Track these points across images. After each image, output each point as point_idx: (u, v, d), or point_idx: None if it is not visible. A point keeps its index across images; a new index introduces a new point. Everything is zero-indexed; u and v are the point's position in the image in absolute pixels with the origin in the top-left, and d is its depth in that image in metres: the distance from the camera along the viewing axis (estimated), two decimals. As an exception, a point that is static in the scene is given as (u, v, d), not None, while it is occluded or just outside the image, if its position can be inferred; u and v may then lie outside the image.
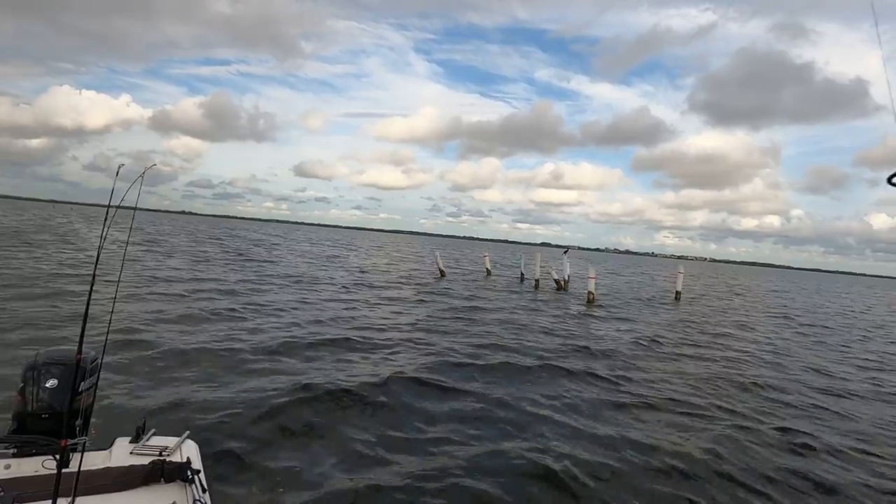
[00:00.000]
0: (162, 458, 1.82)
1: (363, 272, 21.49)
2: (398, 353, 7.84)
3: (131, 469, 1.73)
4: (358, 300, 13.12)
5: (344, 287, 15.61)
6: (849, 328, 17.69)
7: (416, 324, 10.45)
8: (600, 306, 16.82)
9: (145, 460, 1.79)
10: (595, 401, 6.25)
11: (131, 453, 1.88)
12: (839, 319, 20.81)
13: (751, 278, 71.24)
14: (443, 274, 23.20)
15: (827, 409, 6.89)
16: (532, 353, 8.60)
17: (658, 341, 10.86)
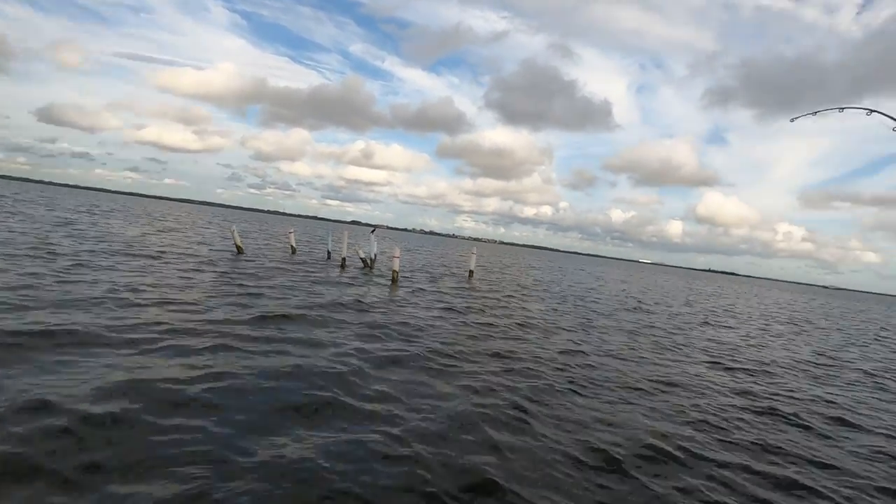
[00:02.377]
0: None
1: (128, 246, 17.79)
2: (164, 345, 6.69)
3: None
4: (117, 280, 10.77)
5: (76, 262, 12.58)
6: (564, 292, 22.32)
7: (198, 303, 9.10)
8: (404, 282, 17.60)
9: None
10: (397, 364, 6.39)
11: None
12: (576, 288, 26.06)
13: (527, 258, 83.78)
14: (240, 250, 21.00)
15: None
16: (331, 325, 8.45)
17: (454, 309, 11.93)
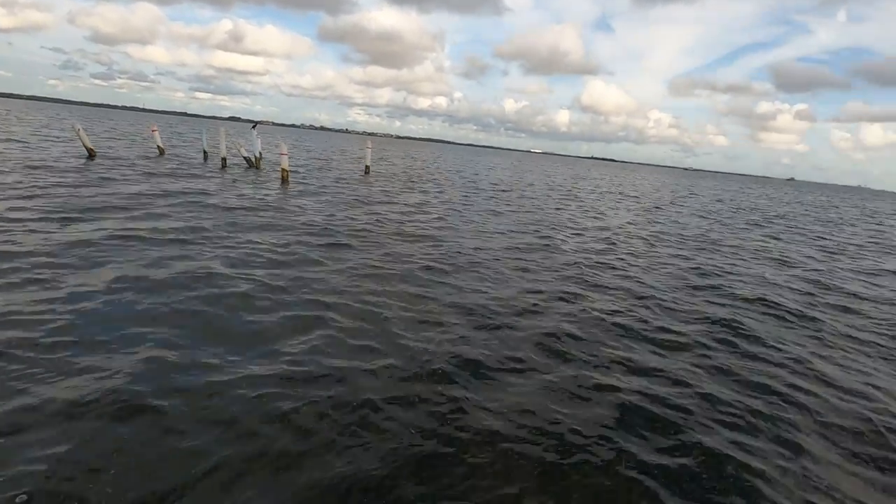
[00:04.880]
0: None
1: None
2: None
3: None
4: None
5: None
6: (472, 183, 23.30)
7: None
8: (295, 182, 16.69)
9: None
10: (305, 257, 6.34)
11: None
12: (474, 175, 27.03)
13: (423, 152, 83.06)
14: (92, 155, 18.00)
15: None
16: (224, 230, 7.99)
17: (346, 204, 11.78)
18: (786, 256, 11.64)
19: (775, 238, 15.03)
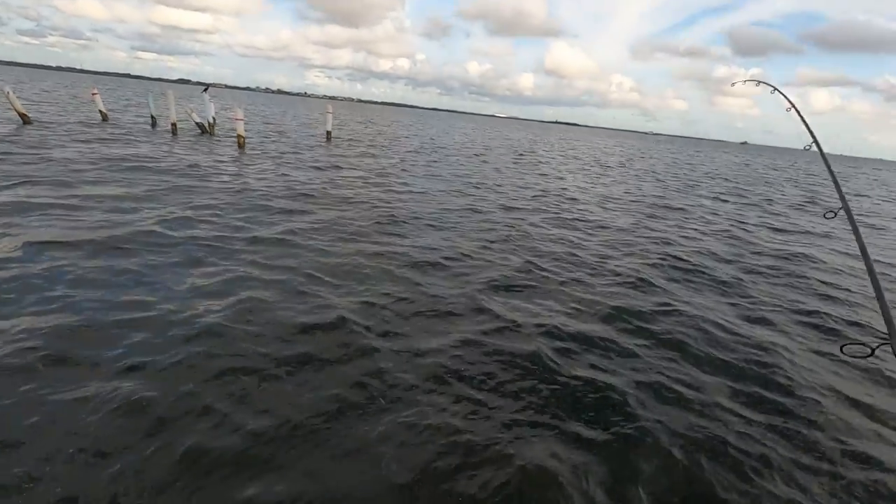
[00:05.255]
0: None
1: None
2: None
3: None
4: None
5: None
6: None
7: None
8: (253, 147, 16.11)
9: None
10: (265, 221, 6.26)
11: None
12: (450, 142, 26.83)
13: (386, 117, 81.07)
14: (26, 120, 16.68)
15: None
16: (173, 197, 7.71)
17: (304, 169, 11.54)
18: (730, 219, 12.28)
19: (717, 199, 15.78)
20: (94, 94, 22.10)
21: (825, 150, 3.10)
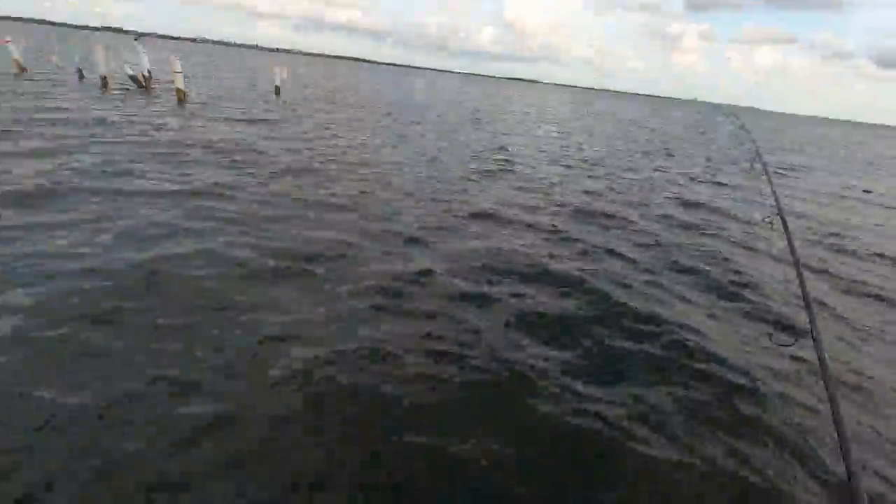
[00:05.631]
0: None
1: None
2: None
3: None
4: None
5: None
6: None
7: None
8: (195, 105, 15.02)
9: None
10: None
11: None
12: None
13: (338, 71, 77.48)
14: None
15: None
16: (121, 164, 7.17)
17: (248, 121, 10.96)
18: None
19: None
20: (6, 41, 19.76)
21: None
